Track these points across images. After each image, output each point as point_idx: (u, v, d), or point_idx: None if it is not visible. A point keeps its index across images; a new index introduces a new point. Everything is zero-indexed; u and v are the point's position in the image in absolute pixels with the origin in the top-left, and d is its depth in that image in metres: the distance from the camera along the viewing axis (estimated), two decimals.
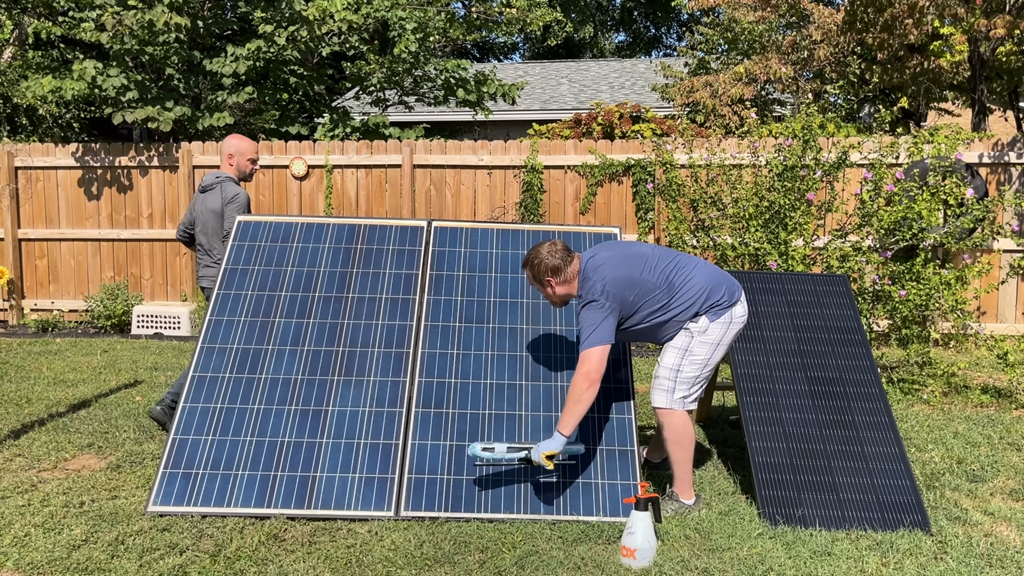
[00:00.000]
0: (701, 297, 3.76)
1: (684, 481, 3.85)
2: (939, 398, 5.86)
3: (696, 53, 13.39)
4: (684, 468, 3.84)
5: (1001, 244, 7.83)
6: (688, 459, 3.83)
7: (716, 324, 3.77)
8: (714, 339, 3.78)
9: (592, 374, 3.61)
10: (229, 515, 3.71)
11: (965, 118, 13.75)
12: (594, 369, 3.62)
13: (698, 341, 3.77)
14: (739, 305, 3.83)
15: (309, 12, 9.22)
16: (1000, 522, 3.78)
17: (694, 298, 3.76)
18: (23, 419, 5.27)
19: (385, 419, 4.05)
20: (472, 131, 15.68)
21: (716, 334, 3.78)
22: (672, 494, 3.87)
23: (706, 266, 3.87)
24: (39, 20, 10.04)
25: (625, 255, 3.81)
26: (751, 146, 6.99)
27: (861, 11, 8.97)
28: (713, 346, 3.79)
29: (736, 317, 3.81)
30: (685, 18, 28.44)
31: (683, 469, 3.84)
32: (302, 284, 4.56)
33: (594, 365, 3.62)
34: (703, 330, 3.76)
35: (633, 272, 3.75)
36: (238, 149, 5.29)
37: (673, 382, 3.80)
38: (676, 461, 3.84)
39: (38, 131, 13.51)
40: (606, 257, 3.80)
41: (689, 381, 3.80)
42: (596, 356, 3.63)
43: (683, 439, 3.81)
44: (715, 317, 3.77)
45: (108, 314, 8.69)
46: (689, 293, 3.76)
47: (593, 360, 3.63)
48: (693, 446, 3.85)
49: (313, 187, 8.85)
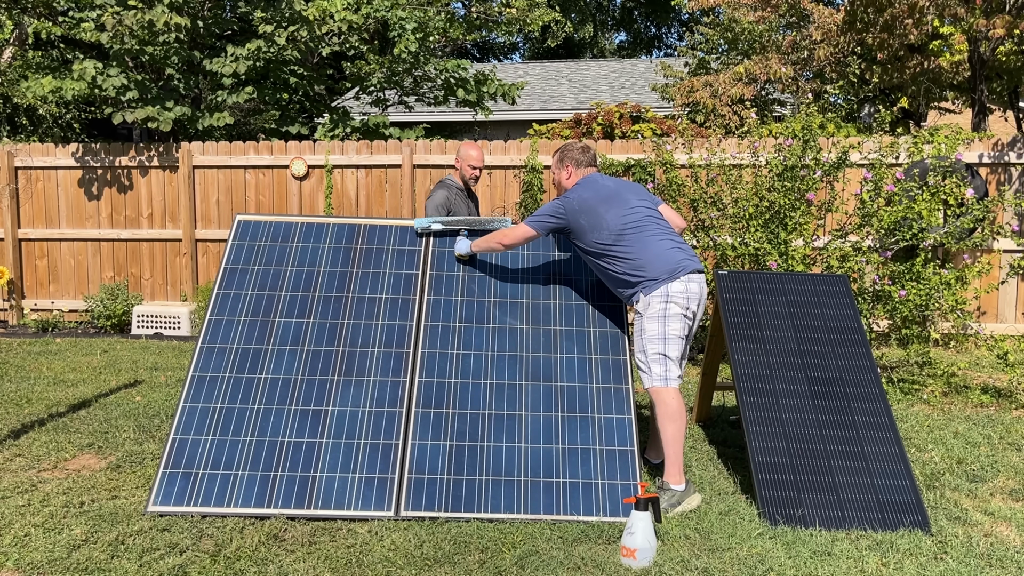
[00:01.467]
0: (631, 267, 4.01)
1: (675, 463, 3.88)
2: (939, 398, 5.86)
3: (696, 53, 13.39)
4: (675, 447, 3.89)
5: (1001, 244, 7.83)
6: (679, 437, 3.89)
7: (653, 298, 3.96)
8: (657, 312, 3.95)
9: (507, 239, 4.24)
10: (229, 515, 3.71)
11: (965, 118, 13.75)
12: (509, 240, 4.24)
13: (646, 318, 3.98)
14: (677, 282, 3.96)
15: (309, 12, 9.22)
16: (1000, 522, 3.78)
17: (625, 264, 4.02)
18: (23, 419, 5.27)
19: (385, 419, 4.05)
20: (472, 131, 15.68)
21: (657, 307, 3.95)
22: (663, 483, 3.87)
23: (658, 243, 4.03)
24: (39, 20, 10.04)
25: (614, 191, 4.13)
26: (751, 146, 6.99)
27: (861, 11, 8.97)
28: (660, 319, 3.94)
29: (672, 291, 3.94)
30: (685, 18, 28.45)
31: (674, 448, 3.89)
32: (302, 284, 4.56)
33: (512, 238, 4.23)
34: (644, 306, 3.99)
35: (601, 205, 4.07)
36: (462, 155, 5.94)
37: (646, 364, 3.99)
38: (667, 439, 3.89)
39: (38, 131, 13.52)
40: (603, 184, 4.16)
41: (659, 359, 3.94)
42: (520, 232, 4.21)
43: (674, 414, 3.89)
44: (649, 291, 3.98)
45: (108, 314, 8.70)
46: (623, 256, 4.01)
47: (516, 232, 4.22)
48: (681, 423, 3.90)
49: (313, 187, 8.85)
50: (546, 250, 4.74)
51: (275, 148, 8.90)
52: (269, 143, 8.93)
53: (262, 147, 8.93)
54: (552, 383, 4.20)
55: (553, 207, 4.14)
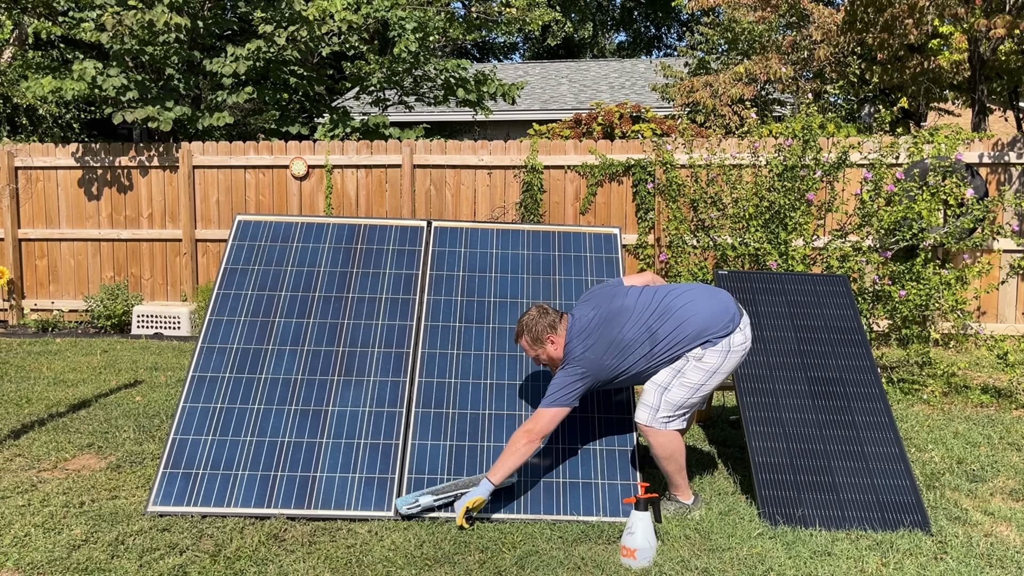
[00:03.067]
0: (687, 341, 3.62)
1: (681, 487, 3.81)
2: (939, 398, 5.86)
3: (696, 53, 13.39)
4: (678, 478, 3.78)
5: (1001, 244, 7.83)
6: (680, 470, 3.75)
7: (712, 352, 3.61)
8: (711, 366, 3.62)
9: (535, 433, 3.61)
10: (229, 515, 3.71)
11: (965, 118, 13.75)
12: (540, 429, 3.62)
13: (693, 366, 3.62)
14: (738, 333, 3.65)
15: (309, 12, 9.22)
16: (1000, 522, 3.78)
17: (681, 345, 3.62)
18: (23, 419, 5.27)
19: (385, 419, 4.05)
20: (472, 131, 15.68)
21: (713, 361, 3.62)
22: (671, 496, 3.86)
23: (700, 303, 3.67)
24: (39, 20, 10.04)
25: (609, 313, 3.69)
26: (751, 146, 6.99)
27: (861, 11, 8.96)
28: (709, 373, 3.63)
29: (735, 345, 3.63)
30: (685, 18, 28.45)
31: (677, 479, 3.78)
32: (302, 284, 4.56)
33: (542, 425, 3.62)
34: (699, 357, 3.62)
35: (614, 333, 3.64)
36: None
37: (658, 400, 3.65)
38: (668, 473, 3.77)
39: (38, 131, 13.52)
40: (590, 319, 3.69)
41: (675, 404, 3.64)
42: (548, 417, 3.62)
43: (672, 454, 3.70)
44: (710, 346, 3.61)
45: (108, 314, 8.69)
46: (674, 341, 3.62)
47: (543, 420, 3.62)
48: (683, 456, 3.75)
49: (313, 187, 8.85)
50: (546, 250, 4.74)
51: (275, 148, 8.90)
52: (269, 143, 8.93)
53: (262, 147, 8.92)
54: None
55: (570, 373, 3.64)
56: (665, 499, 3.85)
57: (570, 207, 8.58)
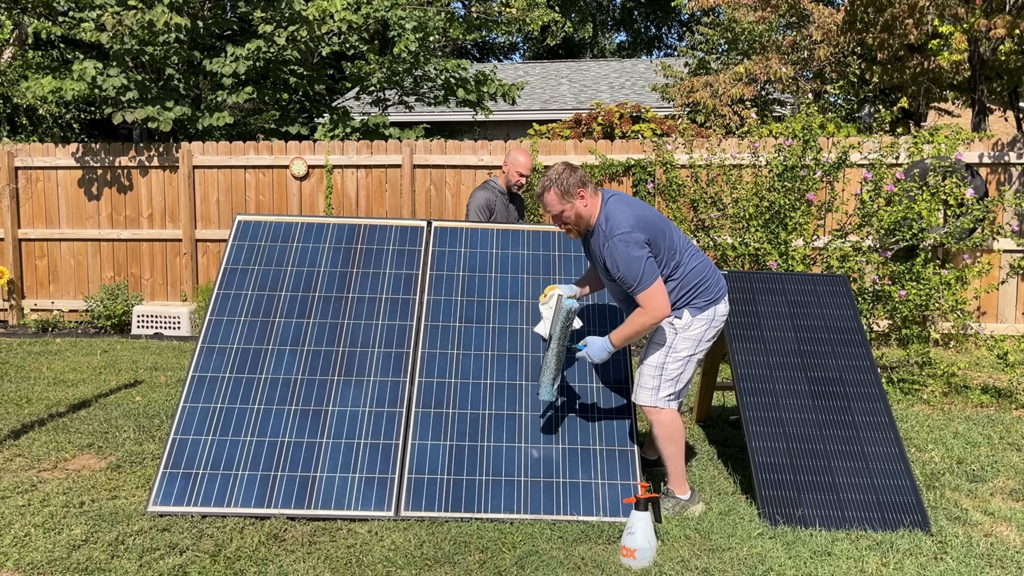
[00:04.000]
0: (695, 283, 3.68)
1: (678, 476, 3.84)
2: (939, 398, 5.86)
3: (696, 53, 13.39)
4: (676, 464, 3.83)
5: (1001, 244, 7.83)
6: (680, 454, 3.82)
7: (698, 320, 3.71)
8: (696, 335, 3.73)
9: (663, 310, 3.52)
10: (229, 515, 3.71)
11: (965, 118, 13.75)
12: (662, 306, 3.51)
13: (681, 337, 3.72)
14: (722, 304, 3.78)
15: (309, 12, 9.22)
16: (1000, 522, 3.78)
17: (692, 281, 3.68)
18: (23, 419, 5.27)
19: (385, 419, 4.05)
20: (472, 131, 15.68)
21: (698, 330, 3.73)
22: (667, 491, 3.86)
23: (704, 256, 3.81)
24: (39, 20, 10.04)
25: (659, 216, 3.70)
26: (751, 146, 6.99)
27: (861, 11, 8.97)
28: (695, 342, 3.74)
29: (719, 315, 3.76)
30: (685, 18, 28.44)
31: (675, 465, 3.83)
32: (302, 284, 4.56)
33: (654, 302, 3.50)
34: (686, 326, 3.71)
35: (661, 223, 3.65)
36: (511, 160, 5.88)
37: (658, 380, 3.75)
38: (668, 457, 3.83)
39: (38, 131, 13.52)
40: (645, 209, 3.65)
41: (674, 379, 3.75)
42: (659, 295, 3.51)
43: (673, 434, 3.79)
44: (697, 312, 3.71)
45: (108, 314, 8.69)
46: (691, 274, 3.68)
47: (657, 298, 3.50)
48: (683, 441, 3.84)
49: (313, 187, 8.85)
50: (546, 250, 4.74)
51: (275, 148, 8.90)
52: (269, 143, 8.93)
53: (262, 147, 8.93)
54: None
55: (631, 243, 3.50)
56: (662, 496, 3.85)
57: None
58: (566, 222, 3.67)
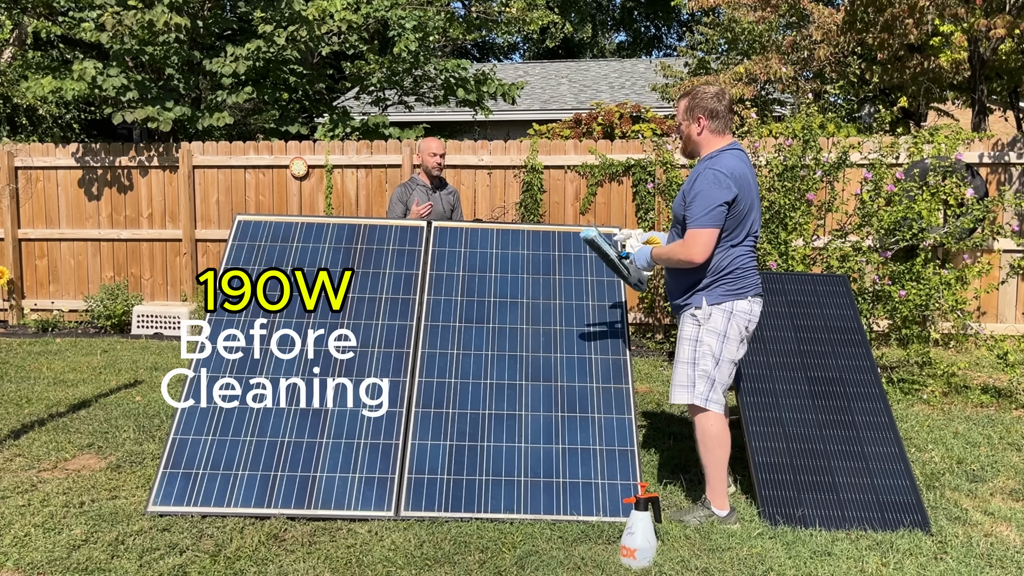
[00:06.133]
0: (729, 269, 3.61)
1: (716, 488, 3.69)
2: (939, 398, 5.86)
3: (696, 53, 13.39)
4: (713, 473, 3.68)
5: (1001, 244, 7.83)
6: (715, 463, 3.67)
7: (717, 310, 3.62)
8: (718, 327, 3.62)
9: (696, 256, 3.51)
10: (229, 515, 3.71)
11: (965, 118, 13.75)
12: (699, 252, 3.50)
13: (705, 329, 3.63)
14: (744, 302, 3.64)
15: (309, 12, 9.22)
16: (1000, 522, 3.78)
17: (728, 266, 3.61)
18: (23, 419, 5.27)
19: (385, 419, 4.05)
20: (472, 131, 15.68)
21: (719, 323, 3.62)
22: (705, 501, 3.73)
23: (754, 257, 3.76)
24: (39, 20, 10.05)
25: (755, 190, 3.69)
26: (751, 146, 6.99)
27: (861, 11, 8.96)
28: (720, 336, 3.62)
29: (738, 310, 3.63)
30: (685, 18, 28.44)
31: (712, 474, 3.68)
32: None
33: (700, 248, 3.49)
34: (707, 316, 3.63)
35: (753, 199, 3.61)
36: (421, 147, 6.10)
37: (692, 376, 3.65)
38: (706, 464, 3.70)
39: (38, 131, 13.52)
40: (749, 164, 3.65)
41: (707, 376, 3.63)
42: (704, 239, 3.49)
43: (707, 440, 3.66)
44: (716, 301, 3.62)
45: (108, 314, 8.69)
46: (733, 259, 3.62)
47: (701, 242, 3.49)
48: (722, 450, 3.66)
49: (313, 187, 8.85)
50: (546, 250, 4.74)
51: (275, 148, 8.90)
52: (269, 143, 8.93)
53: (262, 147, 8.92)
54: (552, 383, 4.19)
55: (720, 187, 3.47)
56: (699, 504, 3.75)
57: (570, 207, 8.58)
58: (680, 134, 3.76)
